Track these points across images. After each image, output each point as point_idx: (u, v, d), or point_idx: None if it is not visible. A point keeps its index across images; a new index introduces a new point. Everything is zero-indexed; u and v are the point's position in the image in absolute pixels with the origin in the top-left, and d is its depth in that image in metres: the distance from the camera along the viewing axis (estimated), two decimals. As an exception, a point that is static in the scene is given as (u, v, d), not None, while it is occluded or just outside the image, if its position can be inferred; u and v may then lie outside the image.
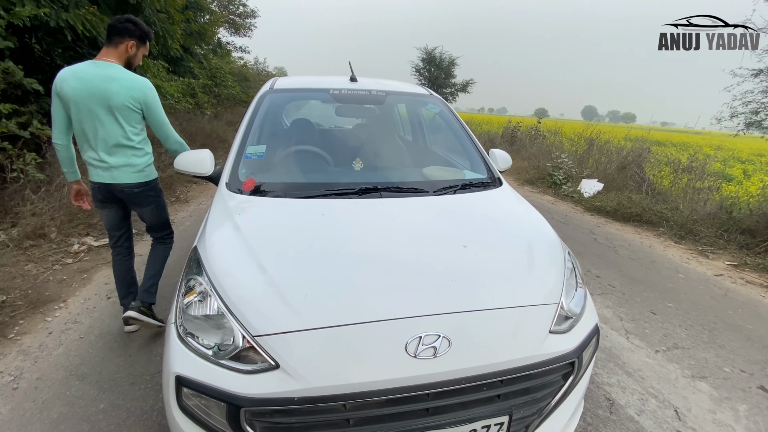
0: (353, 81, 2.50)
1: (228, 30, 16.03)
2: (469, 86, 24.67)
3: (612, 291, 3.35)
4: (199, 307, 1.25)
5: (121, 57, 2.04)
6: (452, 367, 1.13)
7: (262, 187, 1.77)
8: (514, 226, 1.71)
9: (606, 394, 2.08)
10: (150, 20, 6.35)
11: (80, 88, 1.91)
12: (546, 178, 8.10)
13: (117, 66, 2.00)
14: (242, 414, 1.05)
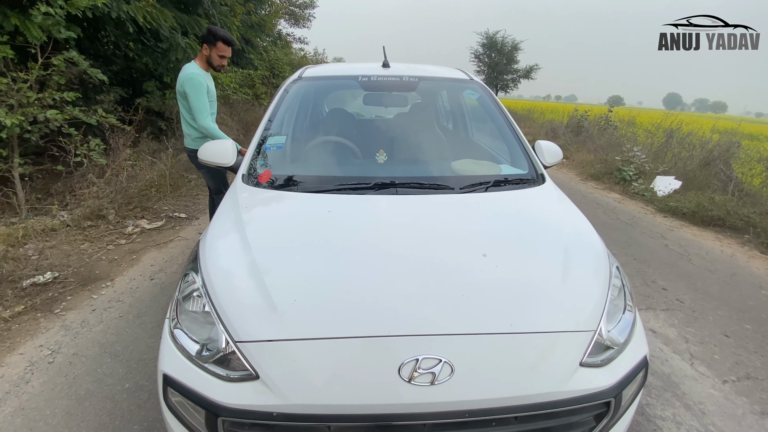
0: (385, 67, 2.34)
1: (288, 21, 16.46)
2: (533, 72, 23.24)
3: (680, 307, 2.90)
4: (196, 301, 1.21)
5: (201, 57, 2.71)
6: (453, 398, 0.97)
7: (276, 180, 1.69)
8: (551, 232, 1.47)
9: (656, 429, 1.77)
10: (209, 12, 6.64)
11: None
12: (614, 174, 7.34)
13: (190, 63, 2.72)
14: (220, 423, 0.98)
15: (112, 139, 4.38)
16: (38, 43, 3.91)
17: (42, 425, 1.69)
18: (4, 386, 1.89)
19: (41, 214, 3.73)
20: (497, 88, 23.68)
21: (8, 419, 1.72)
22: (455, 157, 1.97)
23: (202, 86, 2.62)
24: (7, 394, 1.85)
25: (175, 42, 5.91)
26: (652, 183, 6.61)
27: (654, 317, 2.74)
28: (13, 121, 3.43)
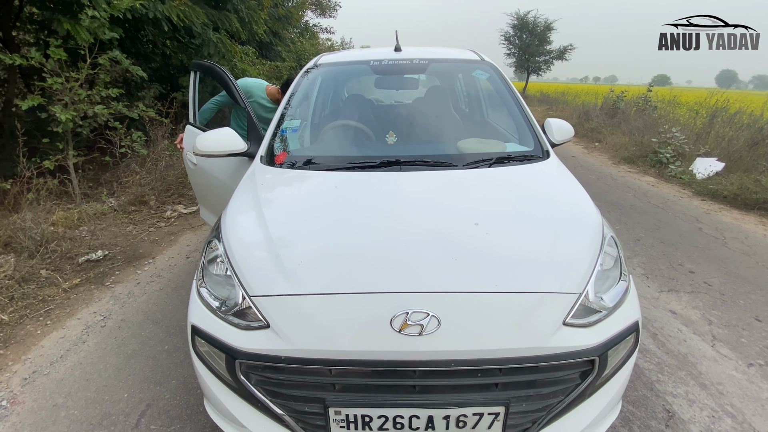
0: (397, 51, 2.41)
1: (314, 12, 16.61)
2: (567, 53, 22.22)
3: (707, 290, 2.82)
4: (218, 266, 1.37)
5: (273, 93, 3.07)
6: (439, 348, 1.07)
7: (290, 160, 1.83)
8: (546, 203, 1.52)
9: (666, 405, 1.79)
10: (237, 7, 6.87)
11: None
12: (649, 156, 7.01)
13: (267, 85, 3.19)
14: (237, 365, 1.14)
15: (152, 132, 4.71)
16: (86, 45, 4.25)
17: (96, 377, 1.95)
18: (66, 345, 2.18)
19: (92, 200, 4.11)
20: (528, 71, 22.83)
21: (69, 372, 1.99)
22: (462, 136, 2.03)
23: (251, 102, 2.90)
24: (68, 351, 2.13)
25: (207, 38, 6.20)
26: (691, 165, 6.27)
27: (676, 299, 2.69)
28: (67, 116, 3.79)
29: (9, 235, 3.09)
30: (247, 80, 3.19)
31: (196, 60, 2.83)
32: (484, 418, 1.11)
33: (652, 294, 2.74)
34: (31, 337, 2.25)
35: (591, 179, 6.07)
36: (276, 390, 1.14)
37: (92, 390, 1.88)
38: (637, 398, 1.83)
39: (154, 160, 4.49)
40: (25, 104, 3.85)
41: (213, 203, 2.62)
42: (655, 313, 2.51)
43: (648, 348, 2.17)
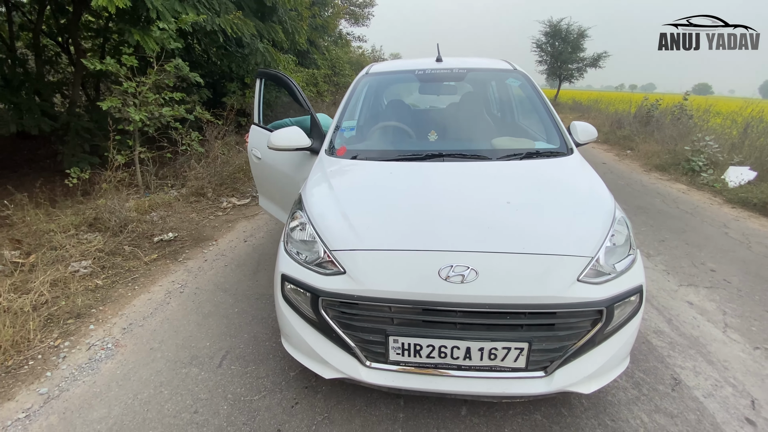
0: (439, 61, 2.74)
1: (348, 21, 17.24)
2: (601, 60, 21.92)
3: (725, 286, 2.97)
4: (299, 233, 1.73)
5: None
6: (477, 293, 1.37)
7: (351, 153, 2.19)
8: (567, 188, 1.81)
9: (674, 374, 2.01)
10: (282, 19, 7.41)
11: None
12: (681, 164, 7.02)
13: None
14: (320, 302, 1.48)
15: (207, 132, 5.24)
16: (154, 54, 4.81)
17: (182, 330, 2.36)
18: (153, 305, 2.61)
19: (156, 191, 4.64)
20: (560, 78, 22.66)
21: (159, 324, 2.41)
22: (495, 135, 2.33)
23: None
24: (155, 310, 2.56)
25: (255, 47, 6.75)
26: (723, 174, 6.27)
27: (694, 292, 2.86)
28: (141, 116, 4.33)
29: (94, 217, 3.61)
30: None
31: (262, 69, 3.24)
32: (511, 352, 1.40)
33: (671, 287, 2.92)
34: (123, 298, 2.70)
35: (620, 185, 6.17)
36: (348, 322, 1.48)
37: (180, 338, 2.28)
38: (648, 368, 2.06)
39: (211, 157, 5.00)
40: (105, 105, 4.41)
41: (273, 193, 3.02)
42: (672, 302, 2.70)
43: (662, 330, 2.38)
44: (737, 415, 1.78)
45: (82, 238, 3.28)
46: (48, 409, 1.80)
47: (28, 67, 6.52)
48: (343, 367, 1.54)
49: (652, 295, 2.78)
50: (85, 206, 3.77)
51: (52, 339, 2.24)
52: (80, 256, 3.00)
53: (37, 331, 2.24)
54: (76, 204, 3.90)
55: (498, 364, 1.43)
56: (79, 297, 2.58)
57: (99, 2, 4.28)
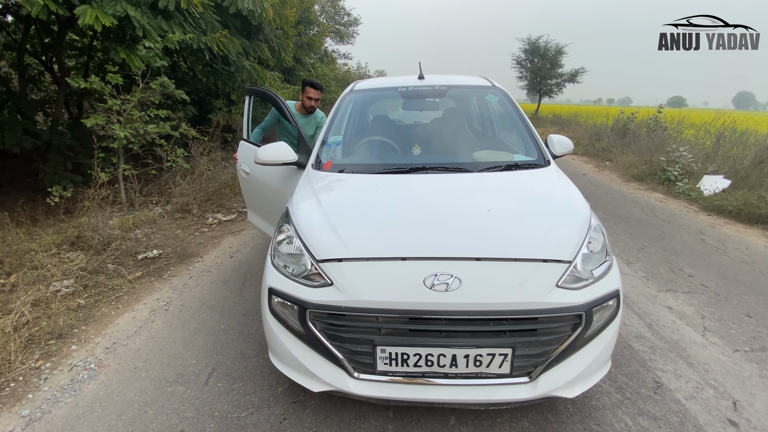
0: (421, 79, 2.84)
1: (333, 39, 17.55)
2: (578, 76, 22.71)
3: (703, 291, 3.07)
4: (286, 246, 1.74)
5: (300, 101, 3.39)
6: (461, 300, 1.41)
7: (337, 167, 2.24)
8: (545, 197, 1.88)
9: (655, 378, 2.06)
10: (268, 37, 7.53)
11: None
12: (658, 174, 7.28)
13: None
14: (307, 314, 1.50)
15: (193, 148, 5.23)
16: (139, 72, 4.83)
17: (167, 348, 2.32)
18: (137, 323, 2.57)
19: (140, 209, 4.59)
20: (540, 93, 23.36)
21: (143, 343, 2.37)
22: (476, 149, 2.41)
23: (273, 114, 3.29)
24: (140, 328, 2.52)
25: (241, 65, 6.83)
26: (698, 183, 6.51)
27: (673, 297, 2.95)
28: (125, 133, 4.32)
29: (77, 235, 3.55)
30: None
31: (251, 86, 3.31)
32: (495, 358, 1.43)
33: (650, 293, 3.01)
34: (106, 317, 2.65)
35: (600, 195, 6.34)
36: (335, 334, 1.49)
37: (165, 357, 2.25)
38: (631, 372, 2.10)
39: (197, 173, 4.99)
40: (90, 122, 4.38)
41: (262, 207, 3.03)
42: (652, 308, 2.78)
43: (642, 334, 2.44)
44: (719, 416, 1.83)
45: (64, 257, 3.22)
46: (30, 431, 1.75)
47: (11, 85, 6.45)
48: (332, 380, 1.55)
49: (632, 301, 2.86)
50: (68, 225, 3.71)
51: (33, 360, 2.18)
52: (62, 276, 2.94)
53: (18, 353, 2.18)
54: (58, 222, 3.84)
55: (483, 370, 1.46)
56: (60, 317, 2.52)
57: (86, 21, 4.30)
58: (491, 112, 2.89)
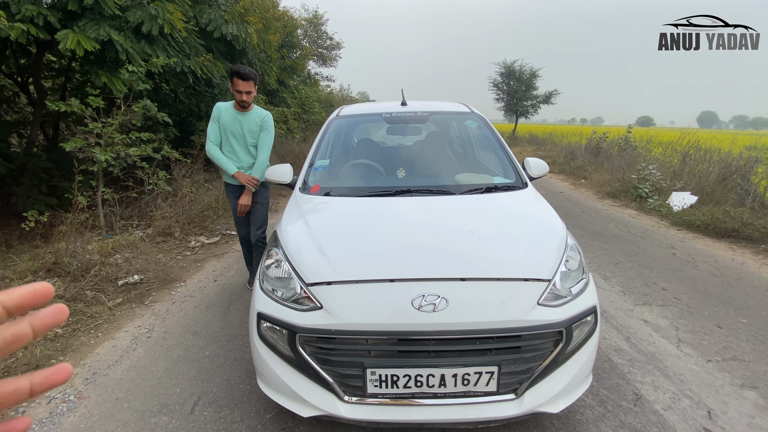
0: (404, 105, 2.95)
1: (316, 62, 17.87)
2: (552, 97, 23.74)
3: (676, 303, 3.21)
4: (274, 270, 1.76)
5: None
6: (448, 321, 1.45)
7: (324, 190, 2.29)
8: (524, 219, 1.97)
9: (635, 390, 2.13)
10: (252, 61, 7.64)
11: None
12: (630, 191, 7.62)
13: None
14: (297, 338, 1.51)
15: (175, 170, 5.20)
16: (121, 95, 4.81)
17: (150, 377, 2.26)
18: (118, 352, 2.50)
19: (120, 232, 4.49)
20: (517, 114, 24.23)
21: (125, 372, 2.31)
22: (458, 171, 2.51)
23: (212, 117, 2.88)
24: (121, 357, 2.45)
25: (225, 87, 6.88)
26: (668, 199, 6.84)
27: (649, 311, 3.07)
28: (106, 157, 4.26)
29: (53, 261, 3.45)
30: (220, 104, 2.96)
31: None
32: (482, 376, 1.48)
33: (627, 307, 3.13)
34: (85, 346, 2.57)
35: (577, 212, 6.57)
36: (325, 357, 1.51)
37: (148, 386, 2.19)
38: (611, 385, 2.17)
39: (179, 195, 4.94)
40: (69, 145, 4.32)
41: None
42: (629, 321, 2.88)
43: (621, 348, 2.53)
44: (695, 425, 1.91)
45: (40, 284, 3.12)
46: (1, 472, 1.66)
47: (-17, 107, 6.30)
48: (322, 404, 1.55)
49: (611, 315, 2.96)
50: (44, 250, 3.61)
51: (5, 395, 2.09)
52: (37, 304, 2.84)
53: (-11, 388, 2.08)
54: (33, 248, 3.73)
55: (471, 389, 1.50)
56: (37, 347, 2.43)
57: (68, 45, 4.30)
58: (471, 137, 3.02)
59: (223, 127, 2.88)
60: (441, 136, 2.95)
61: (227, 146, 2.93)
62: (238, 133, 2.90)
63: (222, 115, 2.85)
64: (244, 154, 2.97)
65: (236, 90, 2.77)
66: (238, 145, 2.94)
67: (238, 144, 2.94)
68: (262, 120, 2.95)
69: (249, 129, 2.91)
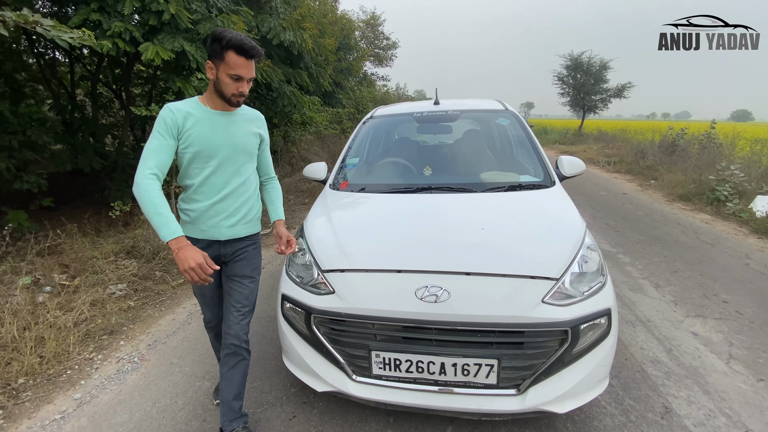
0: (436, 104, 3.01)
1: (372, 62, 18.23)
2: (625, 90, 21.86)
3: (736, 318, 2.91)
4: (299, 257, 1.95)
5: (209, 88, 1.65)
6: (448, 312, 1.52)
7: (351, 187, 2.45)
8: (541, 217, 1.96)
9: (665, 403, 2.01)
10: (308, 65, 8.06)
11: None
12: (706, 194, 6.88)
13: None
14: (312, 319, 1.67)
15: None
16: (192, 99, 5.38)
17: (199, 347, 2.59)
18: (176, 324, 2.88)
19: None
20: (584, 110, 22.67)
21: (180, 342, 2.66)
22: (485, 170, 2.52)
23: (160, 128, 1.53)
24: (178, 329, 2.82)
25: (282, 91, 7.37)
26: (751, 203, 6.08)
27: (701, 323, 2.82)
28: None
29: (132, 245, 4.00)
30: (174, 105, 1.60)
31: None
32: (482, 368, 1.52)
33: (677, 318, 2.90)
34: (151, 318, 2.98)
35: (638, 216, 6.09)
36: (336, 338, 1.66)
37: (197, 355, 2.51)
38: (639, 396, 2.07)
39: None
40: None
41: None
42: (675, 333, 2.68)
43: (659, 359, 2.38)
44: (729, 445, 1.77)
45: (120, 264, 3.65)
46: (80, 412, 2.04)
47: (86, 112, 7.38)
48: (333, 381, 1.70)
49: (654, 325, 2.77)
50: (125, 236, 4.19)
51: (88, 352, 2.52)
52: (117, 280, 3.34)
53: (76, 345, 2.53)
54: (117, 234, 4.34)
55: (471, 380, 1.55)
56: (113, 316, 2.88)
57: (148, 56, 4.92)
58: (501, 135, 2.99)
59: (192, 142, 1.57)
60: (470, 135, 2.96)
61: (198, 173, 1.63)
62: (223, 148, 1.63)
63: (187, 123, 1.56)
64: (234, 181, 1.68)
65: (232, 75, 1.53)
66: (225, 170, 1.66)
67: (223, 167, 1.65)
68: (259, 123, 1.81)
69: (243, 140, 1.69)
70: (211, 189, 1.65)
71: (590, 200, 7.02)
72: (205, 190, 1.64)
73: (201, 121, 1.59)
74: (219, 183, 1.65)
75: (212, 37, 1.54)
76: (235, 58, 1.51)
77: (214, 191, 1.65)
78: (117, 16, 4.50)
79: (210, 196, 1.64)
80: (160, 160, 1.51)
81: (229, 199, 1.68)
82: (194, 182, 1.63)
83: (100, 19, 4.39)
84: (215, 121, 1.62)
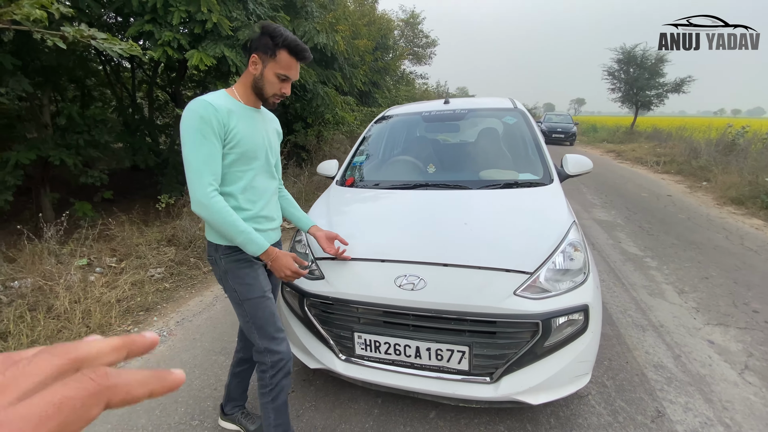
0: (446, 103, 3.08)
1: (411, 61, 18.26)
2: (684, 85, 20.23)
3: (763, 328, 2.73)
4: (300, 246, 2.13)
5: (243, 82, 1.48)
6: (424, 299, 1.62)
7: (355, 183, 2.60)
8: (526, 213, 1.99)
9: (659, 407, 1.97)
10: (342, 66, 8.32)
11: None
12: (761, 197, 6.33)
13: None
14: (305, 301, 1.84)
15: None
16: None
17: (219, 327, 2.86)
18: (203, 305, 3.19)
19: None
20: (637, 106, 21.25)
21: (204, 321, 2.95)
22: (485, 168, 2.57)
23: (200, 128, 1.32)
24: (204, 309, 3.13)
25: (317, 92, 7.68)
26: (813, 209, 5.53)
27: (721, 332, 2.68)
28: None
29: (172, 234, 4.42)
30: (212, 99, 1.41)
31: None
32: (454, 354, 1.62)
33: (694, 325, 2.77)
34: (182, 299, 3.32)
35: (680, 219, 5.74)
36: (326, 319, 1.82)
37: (216, 333, 2.78)
38: (633, 398, 2.04)
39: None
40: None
41: None
42: (688, 339, 2.58)
43: (663, 365, 2.31)
44: (720, 454, 1.72)
45: (161, 250, 4.07)
46: (114, 374, 2.36)
47: (143, 113, 8.13)
48: (323, 359, 1.86)
49: (666, 331, 2.68)
50: (167, 226, 4.64)
51: (126, 325, 2.88)
52: (157, 264, 3.73)
53: (117, 318, 2.90)
54: (162, 224, 4.80)
55: (444, 364, 1.65)
56: (150, 295, 3.25)
57: (193, 62, 5.37)
58: (507, 133, 2.99)
59: (239, 142, 1.42)
60: (475, 133, 3.00)
61: (239, 178, 1.46)
62: (261, 148, 1.52)
63: (231, 121, 1.39)
64: (272, 184, 1.62)
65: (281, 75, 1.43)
66: (265, 172, 1.56)
67: (263, 169, 1.55)
68: (276, 124, 1.71)
69: (274, 140, 1.63)
70: (255, 194, 1.49)
71: (628, 202, 6.69)
72: (251, 196, 1.48)
73: (242, 118, 1.42)
74: (261, 187, 1.51)
75: (264, 30, 1.39)
76: (287, 58, 1.41)
77: (257, 196, 1.50)
78: (167, 26, 4.95)
79: (256, 202, 1.50)
80: (215, 170, 1.34)
81: (270, 204, 1.58)
82: (233, 188, 1.43)
83: (152, 30, 4.86)
84: (253, 118, 1.48)
